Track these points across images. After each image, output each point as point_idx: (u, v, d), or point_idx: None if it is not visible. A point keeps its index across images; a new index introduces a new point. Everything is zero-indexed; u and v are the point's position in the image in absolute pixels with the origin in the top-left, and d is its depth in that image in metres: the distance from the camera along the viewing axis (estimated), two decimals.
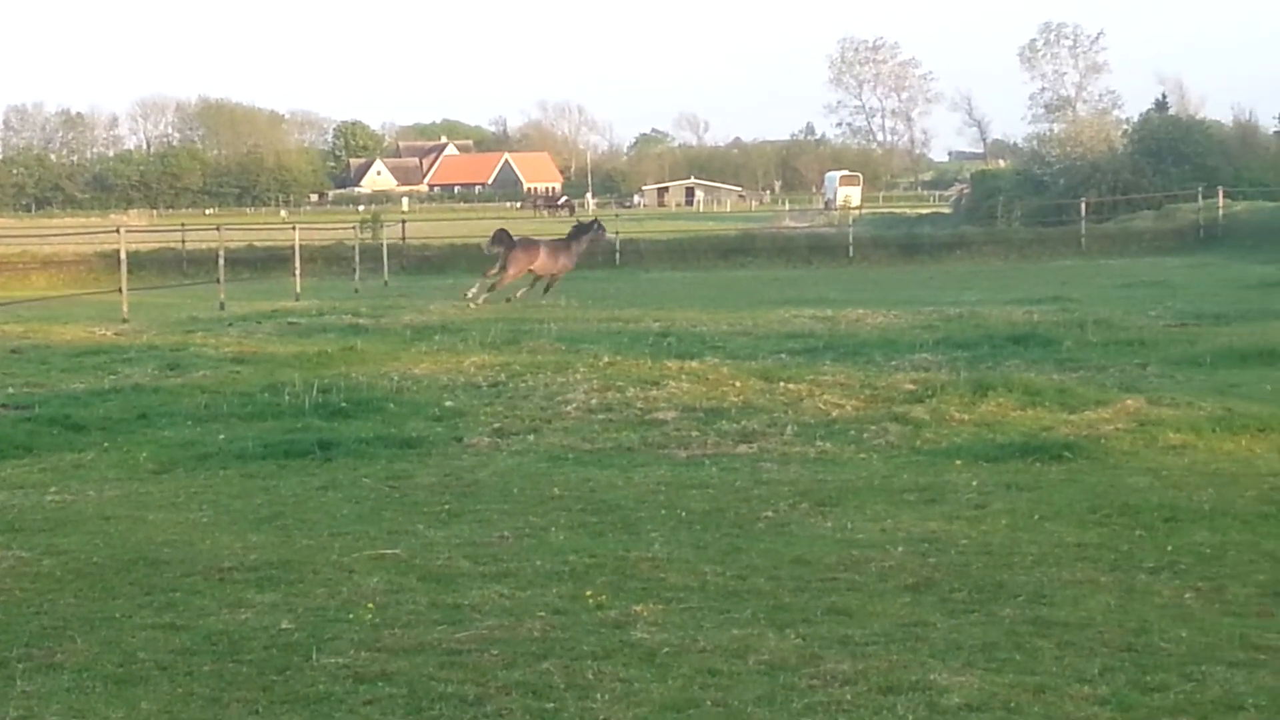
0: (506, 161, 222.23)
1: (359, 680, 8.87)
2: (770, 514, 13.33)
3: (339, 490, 14.79)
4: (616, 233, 62.11)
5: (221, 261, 44.90)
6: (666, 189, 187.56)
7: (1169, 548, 11.73)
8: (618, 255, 59.92)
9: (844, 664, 8.98)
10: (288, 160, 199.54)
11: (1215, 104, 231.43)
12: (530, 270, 40.76)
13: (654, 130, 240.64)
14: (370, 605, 10.35)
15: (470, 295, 39.28)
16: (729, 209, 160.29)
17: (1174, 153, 74.18)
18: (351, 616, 10.12)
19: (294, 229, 52.83)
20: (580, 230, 43.39)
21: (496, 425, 18.25)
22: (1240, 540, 11.95)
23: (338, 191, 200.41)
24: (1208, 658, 9.05)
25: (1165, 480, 14.35)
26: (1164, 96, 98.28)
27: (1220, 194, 62.80)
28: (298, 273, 46.79)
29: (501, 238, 41.02)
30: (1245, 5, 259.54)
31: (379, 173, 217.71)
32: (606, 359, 22.83)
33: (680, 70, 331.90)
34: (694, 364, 22.13)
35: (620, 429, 17.91)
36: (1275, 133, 79.38)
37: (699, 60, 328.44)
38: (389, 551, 12.05)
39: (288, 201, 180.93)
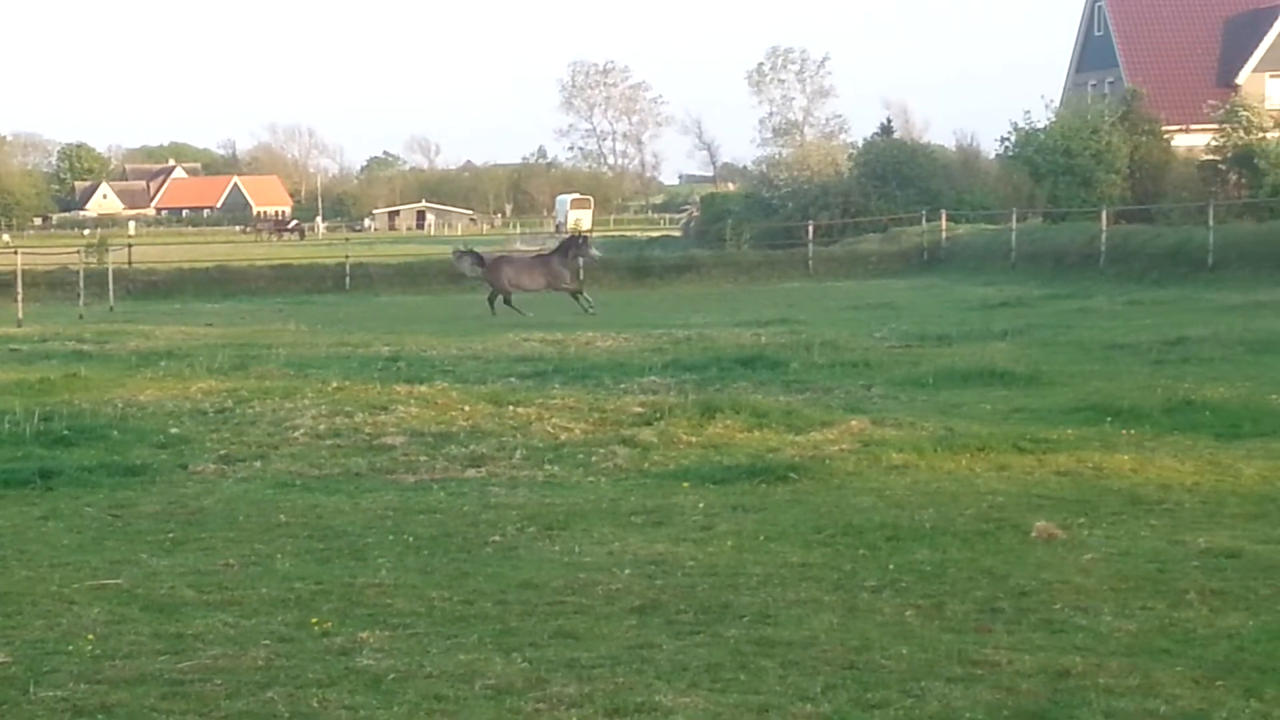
0: (235, 185, 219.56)
1: (78, 713, 8.70)
2: (498, 538, 13.33)
3: (60, 520, 14.49)
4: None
5: None
6: (398, 212, 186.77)
7: (891, 566, 11.93)
8: (348, 279, 59.46)
9: (570, 687, 9.00)
10: (10, 183, 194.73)
11: (939, 128, 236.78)
12: (519, 286, 43.38)
13: (385, 153, 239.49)
14: (90, 636, 10.16)
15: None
16: (460, 232, 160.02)
17: (899, 176, 75.43)
18: (71, 648, 9.93)
19: (16, 253, 51.60)
20: (566, 245, 46.12)
21: (222, 452, 18.01)
22: (959, 558, 12.20)
23: (63, 215, 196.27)
24: (927, 674, 9.22)
25: (888, 500, 14.58)
26: (889, 121, 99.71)
27: (944, 217, 63.98)
28: (19, 298, 45.78)
29: (468, 257, 44.25)
30: (966, 32, 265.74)
31: (105, 196, 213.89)
32: (335, 384, 22.65)
33: (411, 93, 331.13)
34: (423, 388, 22.04)
35: (348, 454, 17.78)
36: (996, 156, 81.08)
37: (430, 83, 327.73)
38: (111, 581, 11.85)
39: (10, 225, 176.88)
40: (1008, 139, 79.54)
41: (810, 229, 64.21)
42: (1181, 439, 17.52)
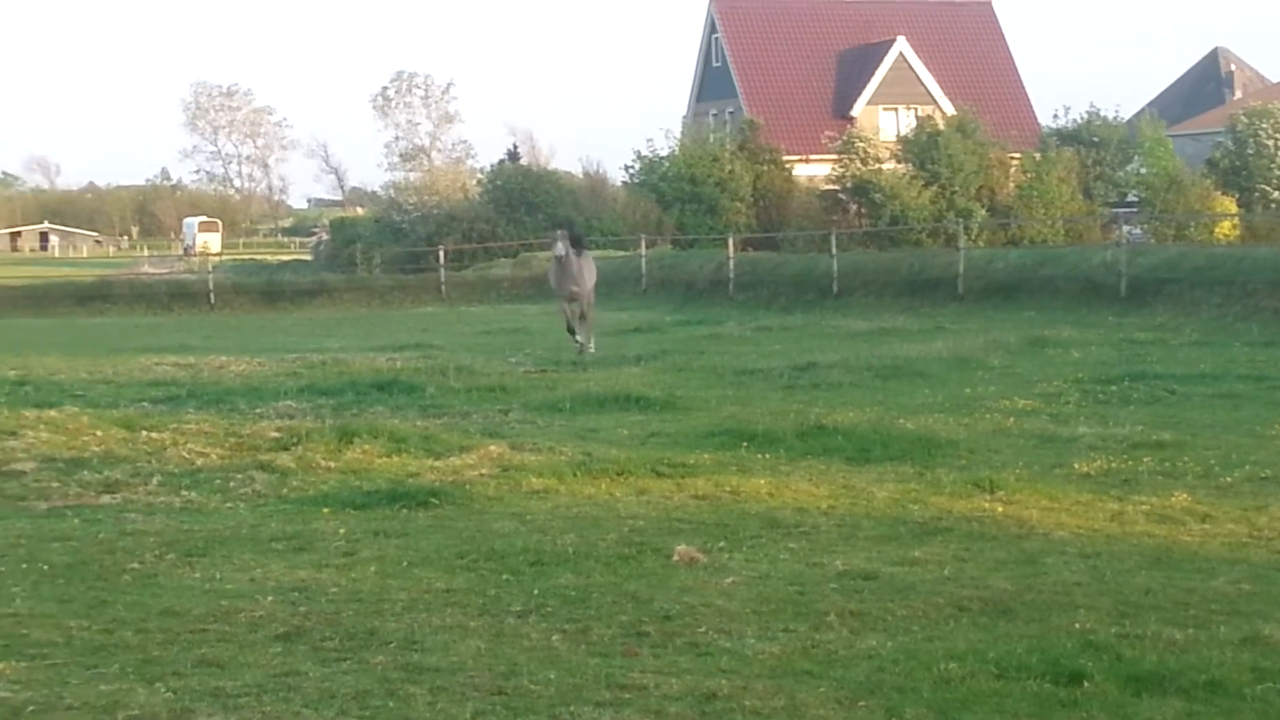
0: None
1: None
2: (136, 565, 13.01)
3: None
4: None
5: None
6: (19, 233, 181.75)
7: (535, 591, 11.95)
8: None
9: (216, 717, 8.84)
10: None
11: (565, 155, 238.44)
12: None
13: (4, 173, 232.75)
14: None
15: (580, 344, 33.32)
16: (86, 254, 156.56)
17: (527, 202, 75.87)
18: None
19: None
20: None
21: None
22: (604, 582, 12.27)
23: None
24: (575, 698, 9.24)
25: (530, 524, 14.60)
26: (515, 147, 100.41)
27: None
28: None
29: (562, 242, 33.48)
30: (589, 61, 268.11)
31: None
32: None
33: (29, 112, 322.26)
34: (53, 413, 21.42)
35: None
36: (623, 184, 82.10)
37: (49, 102, 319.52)
38: None
39: None
40: (633, 166, 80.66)
41: (442, 254, 64.19)
42: (815, 463, 17.90)
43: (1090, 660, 9.84)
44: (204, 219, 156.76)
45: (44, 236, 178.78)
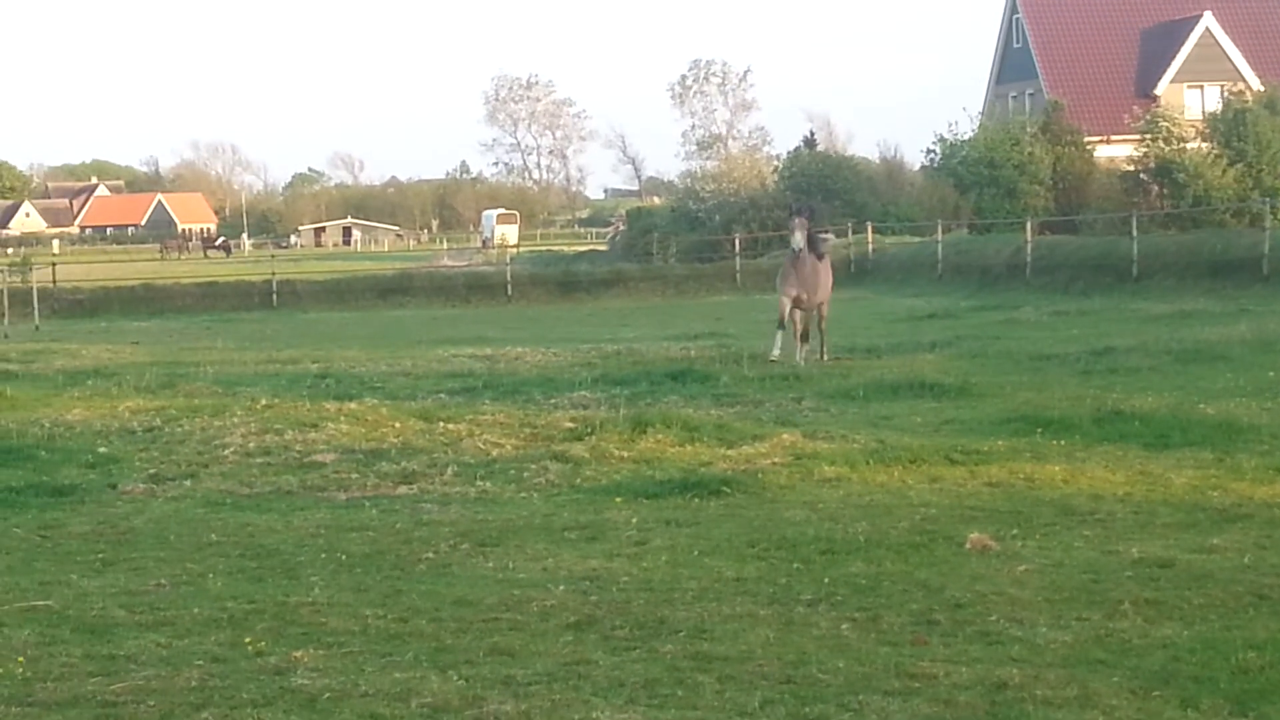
0: (159, 202, 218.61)
1: None
2: (431, 555, 13.25)
3: None
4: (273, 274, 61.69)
5: None
6: (324, 229, 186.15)
7: (826, 579, 11.92)
8: (275, 296, 59.29)
9: (507, 704, 8.96)
10: None
11: (862, 141, 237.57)
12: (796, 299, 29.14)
13: (310, 169, 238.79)
14: (21, 659, 10.04)
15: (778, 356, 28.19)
16: (387, 248, 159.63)
17: (823, 189, 75.71)
18: (1, 671, 9.81)
19: None
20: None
21: (152, 471, 17.85)
22: (894, 570, 12.20)
23: None
24: (864, 687, 9.21)
25: (821, 513, 14.58)
26: (812, 134, 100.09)
27: (869, 229, 64.29)
28: None
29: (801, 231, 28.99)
30: (887, 45, 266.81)
31: (28, 214, 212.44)
32: (264, 401, 22.42)
33: (334, 109, 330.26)
34: (353, 405, 21.86)
35: (279, 472, 17.64)
36: (921, 169, 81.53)
37: (353, 99, 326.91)
38: (40, 603, 11.71)
39: None
40: (933, 151, 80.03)
41: (737, 242, 64.30)
42: (1111, 449, 17.59)
43: None
44: (502, 211, 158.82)
45: (347, 231, 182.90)
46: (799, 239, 28.71)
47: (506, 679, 9.47)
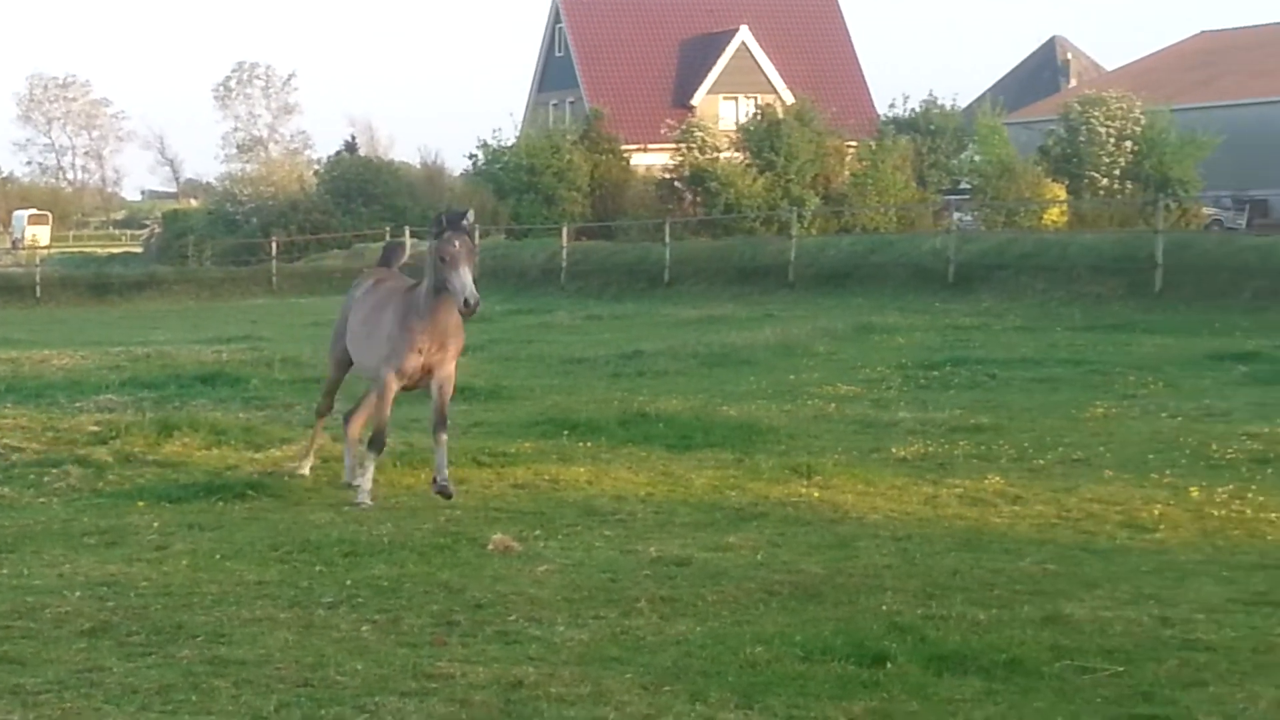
0: None
1: None
2: None
3: None
4: None
5: None
6: None
7: (348, 582, 11.90)
8: None
9: (15, 714, 8.74)
10: None
11: (405, 145, 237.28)
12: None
13: None
14: None
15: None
16: None
17: (364, 193, 75.58)
18: None
19: None
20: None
21: None
22: (416, 572, 12.25)
23: None
24: (382, 689, 9.23)
25: (346, 516, 14.56)
26: (354, 138, 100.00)
27: (408, 233, 64.44)
28: None
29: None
30: (432, 51, 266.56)
31: None
32: None
33: None
34: None
35: None
36: (462, 174, 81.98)
37: None
38: None
39: None
40: (475, 156, 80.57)
41: (274, 245, 63.73)
42: (636, 450, 17.95)
43: (894, 642, 9.95)
44: (34, 212, 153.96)
45: None
46: (465, 278, 15.36)
47: (15, 688, 9.22)
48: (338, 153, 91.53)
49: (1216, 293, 35.73)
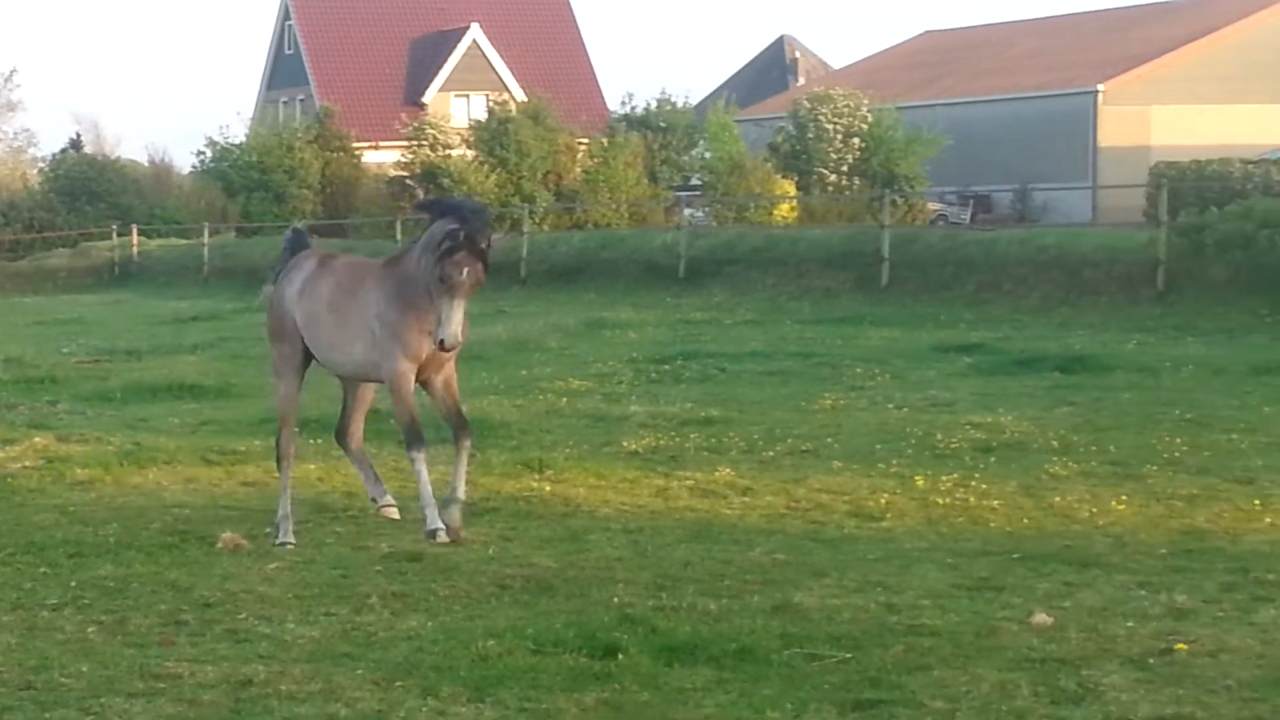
0: None
1: None
2: None
3: None
4: None
5: None
6: None
7: (73, 583, 11.70)
8: None
9: None
10: None
11: (132, 143, 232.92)
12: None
13: None
14: None
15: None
16: None
17: (89, 191, 74.22)
18: None
19: None
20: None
21: None
22: (144, 572, 12.07)
23: None
24: (108, 690, 9.10)
25: (72, 516, 14.30)
26: (79, 136, 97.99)
27: (134, 232, 63.48)
28: None
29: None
30: (158, 48, 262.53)
31: None
32: None
33: None
34: None
35: None
36: (191, 171, 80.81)
37: None
38: None
39: None
40: (203, 154, 79.49)
41: None
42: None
43: (626, 633, 10.02)
44: None
45: None
46: (456, 313, 13.23)
47: None
48: (63, 151, 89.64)
49: (941, 286, 36.42)
